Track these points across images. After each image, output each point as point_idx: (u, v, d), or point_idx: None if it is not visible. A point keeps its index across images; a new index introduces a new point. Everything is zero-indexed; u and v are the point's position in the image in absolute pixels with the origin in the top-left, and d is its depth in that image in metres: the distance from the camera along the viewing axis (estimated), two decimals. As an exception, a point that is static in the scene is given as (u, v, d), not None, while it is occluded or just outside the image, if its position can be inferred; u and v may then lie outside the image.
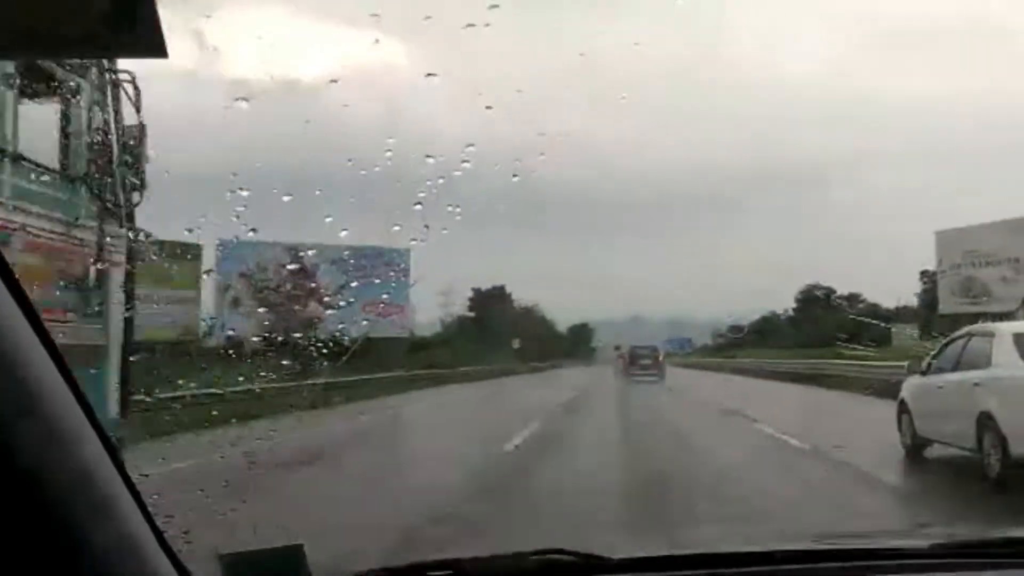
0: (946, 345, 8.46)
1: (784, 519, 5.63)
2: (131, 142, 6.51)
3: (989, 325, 8.48)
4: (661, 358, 35.71)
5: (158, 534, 0.96)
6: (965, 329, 8.38)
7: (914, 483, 7.85)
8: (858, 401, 15.32)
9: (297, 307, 32.38)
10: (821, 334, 38.02)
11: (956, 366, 7.89)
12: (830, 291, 57.81)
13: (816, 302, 57.47)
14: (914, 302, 49.47)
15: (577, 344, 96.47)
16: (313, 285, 34.17)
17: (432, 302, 45.10)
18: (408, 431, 14.65)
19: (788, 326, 58.04)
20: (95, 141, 6.23)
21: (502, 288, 58.36)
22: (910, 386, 8.87)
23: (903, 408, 8.88)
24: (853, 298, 59.51)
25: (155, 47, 0.89)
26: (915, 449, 8.55)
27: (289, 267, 32.08)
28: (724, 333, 72.56)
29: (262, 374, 8.20)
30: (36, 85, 5.95)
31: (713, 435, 11.18)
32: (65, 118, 6.13)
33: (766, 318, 65.37)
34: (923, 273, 54.34)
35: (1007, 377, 6.94)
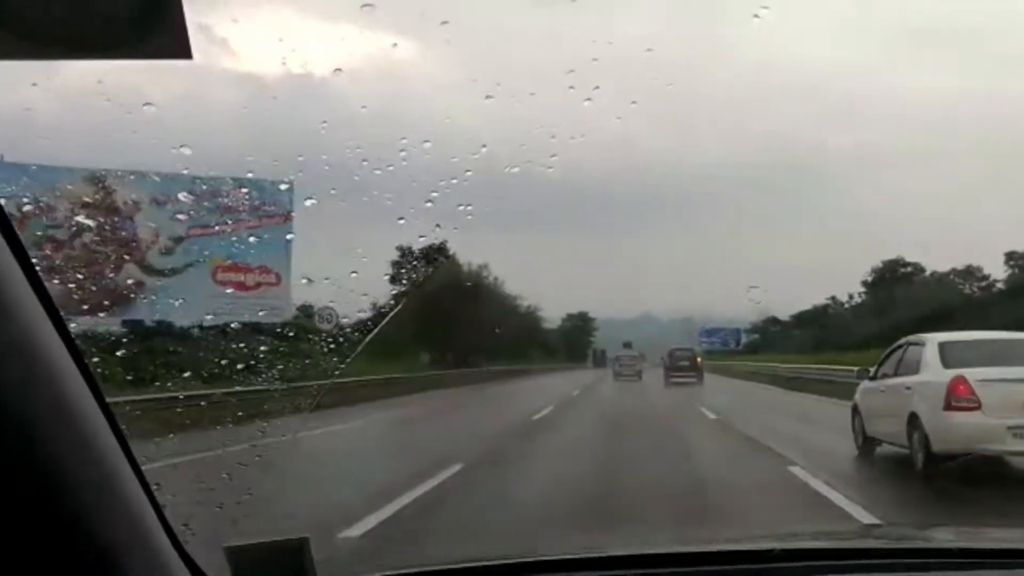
0: (890, 353, 11.17)
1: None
2: None
3: (922, 335, 10.50)
4: (699, 361, 42.64)
5: (165, 524, 1.13)
6: (904, 339, 10.96)
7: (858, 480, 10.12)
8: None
9: (104, 270, 23.80)
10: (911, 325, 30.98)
11: (896, 371, 10.59)
12: (918, 267, 50.99)
13: (900, 282, 50.52)
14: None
15: (575, 342, 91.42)
16: (131, 235, 25.78)
17: (341, 266, 35.81)
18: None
19: (854, 316, 51.24)
20: None
21: (442, 247, 45.34)
22: (861, 390, 11.67)
23: (856, 411, 11.69)
24: (969, 273, 52.81)
25: (180, 49, 1.05)
26: (866, 448, 11.19)
27: (90, 204, 23.69)
28: (759, 326, 66.64)
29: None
30: None
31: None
32: None
33: (821, 308, 58.88)
34: (1009, 256, 50.52)
35: (931, 381, 9.31)
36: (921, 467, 9.22)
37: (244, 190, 31.18)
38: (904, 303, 47.24)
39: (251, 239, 31.67)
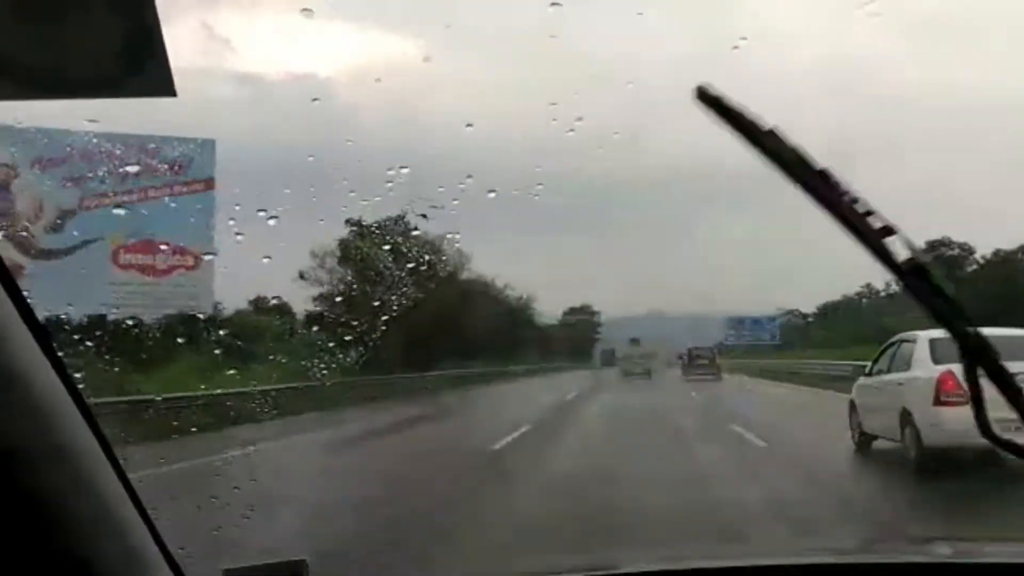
0: (884, 350, 12.19)
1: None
2: None
3: (915, 332, 11.17)
4: (716, 359, 46.45)
5: (162, 547, 1.19)
6: (897, 336, 12.01)
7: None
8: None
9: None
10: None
11: (889, 368, 11.56)
12: (966, 247, 46.58)
13: (946, 265, 45.89)
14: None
15: (578, 339, 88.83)
16: (6, 207, 21.54)
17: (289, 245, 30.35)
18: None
19: (893, 305, 46.83)
20: None
21: (400, 219, 35.94)
22: (857, 387, 12.90)
23: (852, 407, 12.82)
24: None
25: (164, 87, 1.11)
26: (862, 442, 12.20)
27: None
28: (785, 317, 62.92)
29: None
30: None
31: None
32: None
33: (853, 298, 54.92)
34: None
35: (921, 377, 10.13)
36: (913, 461, 10.10)
37: (153, 148, 26.68)
38: (957, 288, 42.58)
39: (163, 211, 26.84)
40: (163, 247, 28.35)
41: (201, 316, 24.98)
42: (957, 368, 4.70)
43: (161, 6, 1.06)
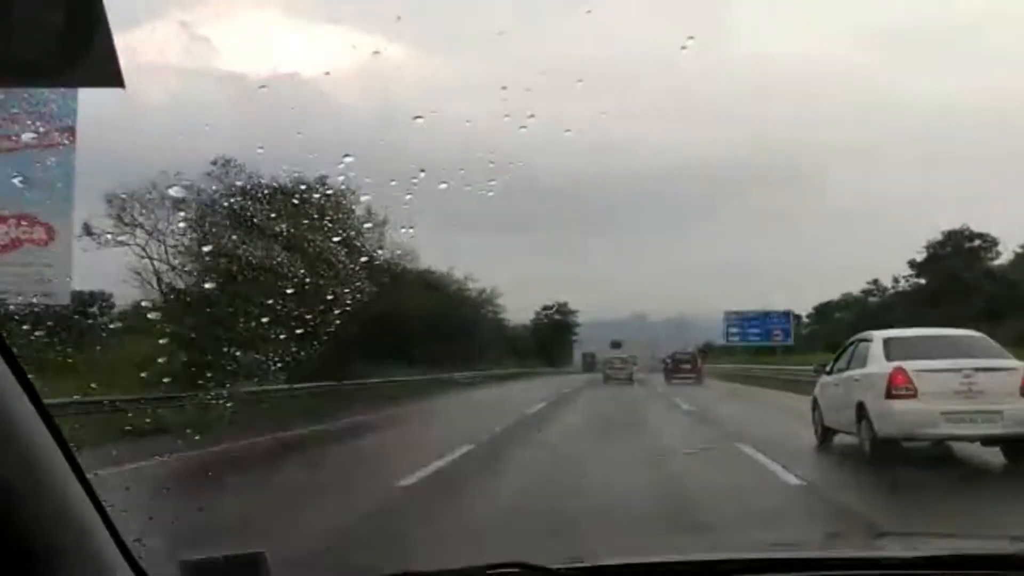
0: (844, 349, 13.60)
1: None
2: None
3: (871, 332, 12.63)
4: (700, 364, 51.12)
5: (119, 541, 1.23)
6: (855, 336, 13.37)
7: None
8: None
9: None
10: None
11: (848, 366, 12.84)
12: (989, 239, 42.13)
13: (967, 259, 41.51)
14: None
15: (553, 341, 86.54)
16: None
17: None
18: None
19: (904, 303, 42.93)
20: None
21: (323, 181, 25.64)
22: (819, 384, 14.37)
23: (815, 403, 14.31)
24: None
25: (111, 76, 1.12)
26: (824, 436, 13.54)
27: None
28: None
29: None
30: None
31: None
32: None
33: (858, 298, 51.25)
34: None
35: (875, 373, 11.40)
36: (868, 452, 11.07)
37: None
38: (984, 283, 37.99)
39: (4, 169, 21.54)
40: (5, 216, 23.05)
41: (53, 306, 20.44)
42: (907, 364, 12.06)
43: None
